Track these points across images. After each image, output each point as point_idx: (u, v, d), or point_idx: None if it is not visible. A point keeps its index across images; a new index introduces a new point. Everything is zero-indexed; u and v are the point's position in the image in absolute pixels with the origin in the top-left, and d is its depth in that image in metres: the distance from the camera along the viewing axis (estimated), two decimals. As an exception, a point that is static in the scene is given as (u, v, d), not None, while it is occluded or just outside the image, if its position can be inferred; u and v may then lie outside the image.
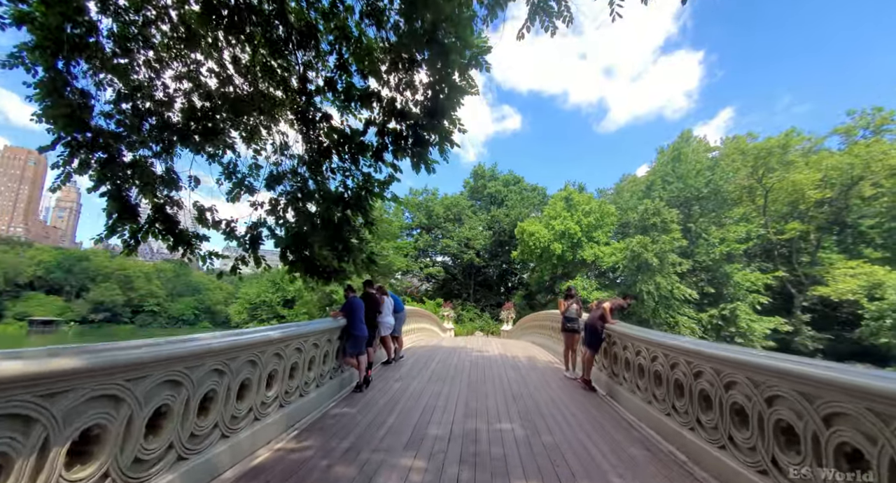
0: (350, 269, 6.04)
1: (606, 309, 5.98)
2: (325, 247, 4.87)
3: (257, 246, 4.96)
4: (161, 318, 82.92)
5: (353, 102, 6.34)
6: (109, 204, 5.31)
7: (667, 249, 28.61)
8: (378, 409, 4.80)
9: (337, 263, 5.09)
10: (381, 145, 6.25)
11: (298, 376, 4.41)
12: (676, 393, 4.04)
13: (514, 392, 5.80)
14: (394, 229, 38.00)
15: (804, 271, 32.79)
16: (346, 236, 5.52)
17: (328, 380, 5.32)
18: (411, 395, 5.51)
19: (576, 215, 32.78)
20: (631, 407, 5.01)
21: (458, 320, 33.39)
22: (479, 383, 6.30)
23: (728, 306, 28.73)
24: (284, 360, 4.05)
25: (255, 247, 4.95)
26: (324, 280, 5.45)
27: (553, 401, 5.40)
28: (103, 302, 77.81)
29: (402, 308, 8.32)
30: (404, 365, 7.71)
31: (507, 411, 4.86)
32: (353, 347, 5.72)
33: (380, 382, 6.20)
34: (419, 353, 9.38)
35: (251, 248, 4.93)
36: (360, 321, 5.84)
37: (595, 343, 6.04)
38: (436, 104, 5.89)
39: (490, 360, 8.62)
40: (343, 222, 5.60)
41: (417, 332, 13.25)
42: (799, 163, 31.40)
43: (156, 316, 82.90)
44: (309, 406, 4.60)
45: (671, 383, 4.11)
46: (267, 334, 3.69)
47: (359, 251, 5.80)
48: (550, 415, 4.76)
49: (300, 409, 4.39)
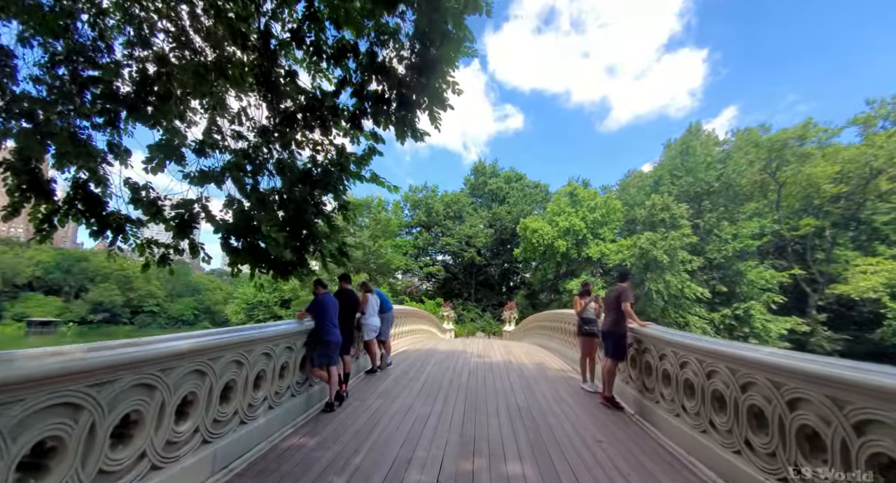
0: (317, 262, 4.94)
1: (630, 308, 4.84)
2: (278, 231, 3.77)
3: (190, 229, 3.85)
4: (160, 319, 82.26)
5: (324, 59, 5.23)
6: (12, 178, 4.22)
7: (676, 246, 27.35)
8: (347, 439, 3.69)
9: (290, 254, 3.98)
10: (359, 110, 5.14)
11: (237, 398, 3.31)
12: (752, 424, 2.91)
13: (522, 411, 4.67)
14: (393, 227, 36.96)
15: (819, 269, 31.44)
16: (310, 220, 4.41)
17: (287, 398, 4.21)
18: (393, 417, 4.40)
19: (581, 211, 31.59)
20: (674, 434, 3.87)
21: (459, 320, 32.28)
22: (480, 399, 5.18)
23: (742, 305, 27.43)
24: (211, 379, 2.95)
25: (187, 230, 3.84)
26: (280, 275, 4.33)
27: (573, 424, 4.27)
28: (102, 302, 77.18)
29: (389, 307, 7.21)
30: (391, 374, 6.60)
31: (515, 440, 3.74)
32: (321, 356, 4.61)
33: (357, 399, 5.09)
34: (411, 359, 8.27)
35: (179, 233, 3.82)
36: (333, 323, 4.74)
37: (618, 352, 4.89)
38: (425, 59, 4.79)
39: (492, 368, 7.49)
40: (305, 203, 4.50)
41: (413, 334, 12.13)
42: (816, 155, 30.04)
43: (155, 316, 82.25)
44: (253, 437, 3.49)
45: (742, 410, 2.98)
46: (173, 346, 2.58)
47: (327, 240, 4.69)
48: (572, 446, 3.63)
49: (239, 442, 3.28)
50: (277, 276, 4.38)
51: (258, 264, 4.15)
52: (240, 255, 3.97)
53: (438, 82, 4.83)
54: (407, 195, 44.10)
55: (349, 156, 5.42)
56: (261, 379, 3.75)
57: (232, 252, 3.93)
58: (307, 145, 5.50)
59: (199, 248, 3.91)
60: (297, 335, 4.40)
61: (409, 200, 43.73)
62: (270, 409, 3.88)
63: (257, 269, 4.20)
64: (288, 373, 4.25)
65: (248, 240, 3.97)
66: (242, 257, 4.00)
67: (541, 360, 8.71)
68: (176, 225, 3.82)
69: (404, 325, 10.87)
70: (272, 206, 4.38)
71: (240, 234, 3.92)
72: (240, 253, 3.97)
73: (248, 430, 3.45)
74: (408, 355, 8.85)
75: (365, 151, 5.55)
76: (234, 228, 3.87)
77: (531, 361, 8.50)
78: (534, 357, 9.27)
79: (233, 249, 3.93)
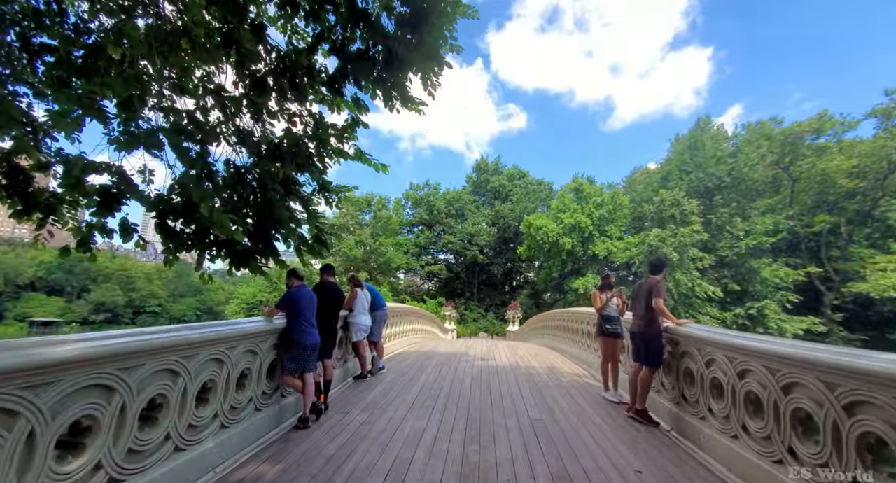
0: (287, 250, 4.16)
1: (663, 305, 4.02)
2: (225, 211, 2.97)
3: (112, 206, 3.06)
4: (163, 319, 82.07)
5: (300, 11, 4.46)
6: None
7: (687, 243, 26.39)
8: (317, 469, 2.90)
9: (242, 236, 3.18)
10: (340, 71, 4.37)
11: (170, 419, 2.52)
12: (866, 459, 2.08)
13: (537, 428, 3.85)
14: (393, 225, 36.25)
15: (835, 267, 30.31)
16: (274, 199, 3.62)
17: (249, 414, 3.43)
18: (379, 436, 3.60)
19: (587, 208, 30.68)
20: (732, 461, 3.05)
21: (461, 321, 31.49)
22: (485, 412, 4.37)
23: (755, 305, 26.40)
24: (124, 396, 2.17)
25: (113, 205, 3.06)
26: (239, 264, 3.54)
27: (600, 446, 3.45)
28: (104, 303, 77.16)
29: (382, 305, 6.41)
30: (383, 380, 5.80)
31: (531, 471, 2.93)
32: (294, 361, 3.83)
33: (338, 412, 4.30)
34: (408, 362, 7.47)
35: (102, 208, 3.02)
36: (308, 322, 3.95)
37: (653, 357, 4.06)
38: (418, 9, 4.02)
39: (498, 373, 6.68)
40: (270, 179, 3.71)
41: (411, 334, 11.34)
42: (833, 148, 28.94)
43: (157, 317, 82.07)
44: (194, 467, 2.71)
45: (849, 439, 2.16)
46: (45, 353, 1.79)
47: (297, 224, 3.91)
48: (605, 479, 2.82)
49: (172, 477, 2.50)
50: (234, 265, 3.59)
51: (206, 250, 3.37)
52: (179, 238, 3.17)
53: (432, 37, 4.04)
54: (408, 193, 43.37)
55: (328, 127, 4.64)
56: (209, 391, 2.97)
57: (168, 234, 3.13)
58: (282, 116, 4.73)
59: (131, 230, 3.12)
60: (264, 336, 3.62)
61: (411, 198, 42.99)
62: (224, 428, 3.10)
63: (207, 255, 3.42)
64: (250, 382, 3.47)
65: (190, 220, 3.17)
66: (183, 241, 3.20)
67: (552, 364, 7.89)
68: (99, 200, 3.04)
69: (402, 324, 10.08)
70: (230, 182, 3.60)
71: (180, 214, 3.13)
72: (179, 236, 3.18)
73: (187, 459, 2.66)
74: (404, 358, 8.05)
75: (347, 122, 4.77)
76: (170, 205, 3.08)
77: (541, 365, 7.68)
78: (543, 360, 8.45)
79: (169, 231, 3.13)
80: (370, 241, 32.16)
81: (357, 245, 32.62)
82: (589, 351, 7.52)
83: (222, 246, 3.61)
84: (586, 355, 7.67)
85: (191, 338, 2.68)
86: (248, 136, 3.91)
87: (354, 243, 32.40)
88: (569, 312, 9.55)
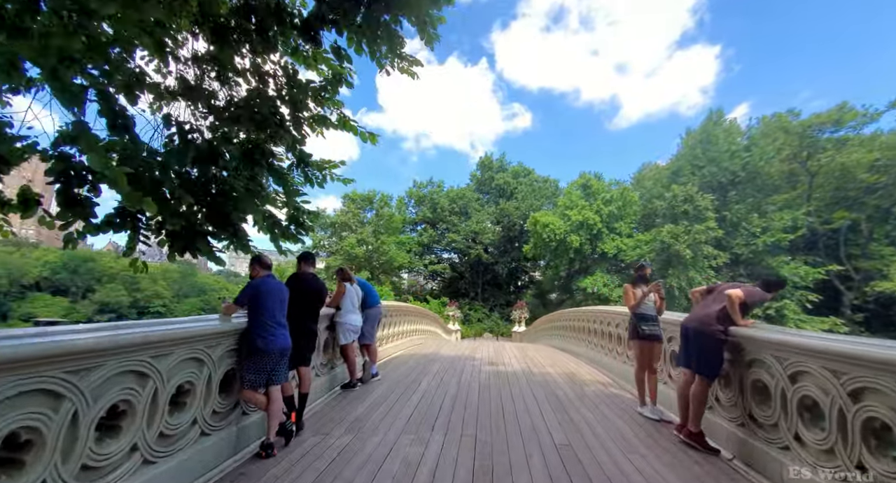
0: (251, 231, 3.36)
1: (737, 298, 3.16)
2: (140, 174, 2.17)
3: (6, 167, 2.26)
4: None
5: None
6: None
7: (700, 240, 25.34)
8: (268, 525, 2.08)
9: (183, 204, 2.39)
10: (316, 16, 3.57)
11: (47, 458, 1.72)
12: None
13: (565, 460, 3.00)
14: (396, 223, 35.52)
15: (854, 265, 29.03)
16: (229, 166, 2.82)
17: (193, 442, 2.62)
18: (362, 468, 2.77)
19: (595, 204, 29.69)
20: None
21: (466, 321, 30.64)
22: (497, 436, 3.53)
23: (773, 305, 25.24)
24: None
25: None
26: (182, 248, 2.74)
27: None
28: (109, 303, 77.13)
29: (376, 302, 5.59)
30: (375, 390, 4.98)
31: (566, 529, 2.09)
32: (255, 371, 3.02)
33: (316, 433, 3.48)
34: (405, 368, 6.65)
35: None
36: (275, 321, 3.14)
37: (713, 364, 3.21)
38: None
39: (510, 381, 5.83)
40: (223, 142, 2.91)
41: (411, 335, 10.52)
42: (853, 141, 27.71)
43: (161, 317, 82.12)
44: (89, 527, 1.91)
45: None
46: None
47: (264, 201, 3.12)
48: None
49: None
50: (177, 250, 2.79)
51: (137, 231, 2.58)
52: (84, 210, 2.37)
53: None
54: (411, 190, 42.64)
55: (304, 86, 3.84)
56: (125, 416, 2.17)
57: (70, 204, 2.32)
58: (252, 74, 3.93)
59: (33, 200, 2.33)
60: (214, 339, 2.81)
61: (414, 196, 42.25)
62: (149, 464, 2.30)
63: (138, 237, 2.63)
64: (194, 399, 2.66)
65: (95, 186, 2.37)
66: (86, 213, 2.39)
67: (569, 369, 7.02)
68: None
69: (400, 324, 9.27)
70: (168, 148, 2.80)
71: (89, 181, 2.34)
72: (84, 207, 2.37)
73: (78, 517, 1.86)
74: (403, 362, 7.23)
75: (327, 79, 3.97)
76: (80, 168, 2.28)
77: (558, 371, 6.82)
78: (559, 365, 7.58)
79: (72, 200, 2.32)
80: (372, 240, 31.43)
81: (359, 243, 31.93)
82: (612, 355, 6.65)
83: (161, 226, 2.81)
84: (607, 360, 6.81)
85: (95, 343, 1.87)
86: (194, 89, 3.11)
87: (356, 242, 31.70)
88: (590, 312, 8.68)
